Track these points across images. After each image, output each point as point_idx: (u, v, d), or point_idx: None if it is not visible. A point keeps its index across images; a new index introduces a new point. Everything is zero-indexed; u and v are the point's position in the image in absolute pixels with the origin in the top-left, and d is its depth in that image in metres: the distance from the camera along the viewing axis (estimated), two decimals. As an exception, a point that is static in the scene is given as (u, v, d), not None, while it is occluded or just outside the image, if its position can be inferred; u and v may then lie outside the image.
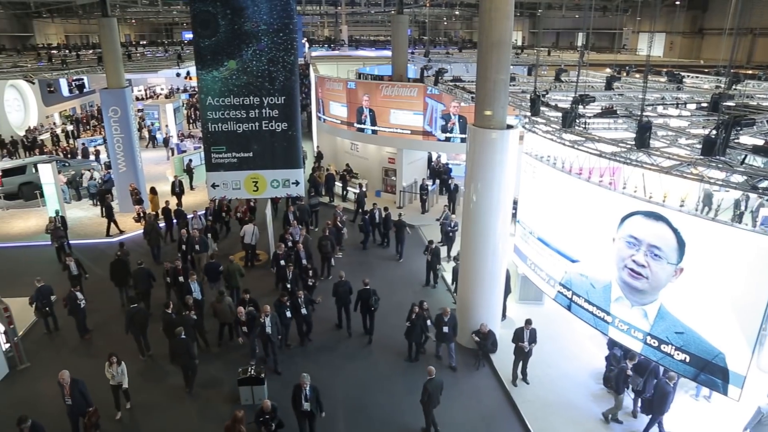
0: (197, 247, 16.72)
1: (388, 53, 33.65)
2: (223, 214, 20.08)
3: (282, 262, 15.36)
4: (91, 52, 36.86)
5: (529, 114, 12.35)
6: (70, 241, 19.03)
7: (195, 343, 13.04)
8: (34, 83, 33.27)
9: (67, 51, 38.37)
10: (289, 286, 14.61)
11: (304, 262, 15.72)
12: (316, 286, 15.31)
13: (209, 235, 17.92)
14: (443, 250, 17.83)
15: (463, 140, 20.59)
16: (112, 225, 20.64)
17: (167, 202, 21.02)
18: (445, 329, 12.62)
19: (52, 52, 36.17)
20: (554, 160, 12.32)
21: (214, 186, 16.17)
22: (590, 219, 11.42)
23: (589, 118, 11.50)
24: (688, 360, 9.80)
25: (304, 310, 13.53)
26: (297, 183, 16.33)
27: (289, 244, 16.76)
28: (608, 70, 23.43)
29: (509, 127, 12.17)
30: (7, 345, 12.97)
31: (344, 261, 18.11)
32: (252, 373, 11.59)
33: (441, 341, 12.96)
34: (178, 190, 22.81)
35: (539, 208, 13.44)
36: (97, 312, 14.97)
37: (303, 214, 19.67)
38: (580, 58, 20.37)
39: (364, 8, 48.30)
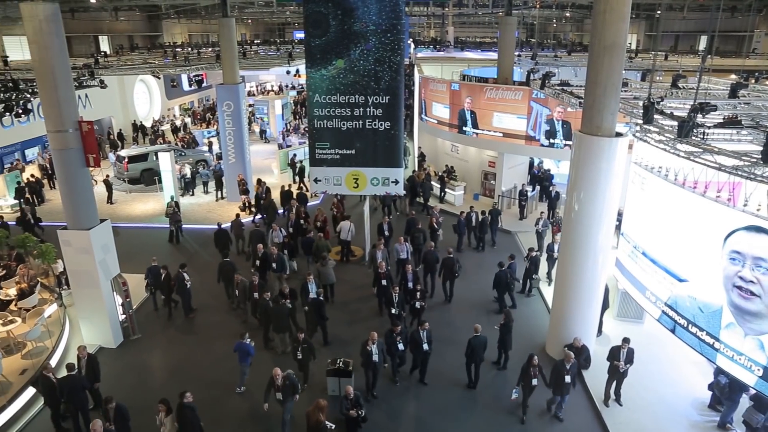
0: (274, 265, 15.86)
1: (493, 55, 33.18)
2: (301, 221, 18.90)
3: (384, 282, 14.68)
4: (210, 49, 39.23)
5: (640, 122, 11.73)
6: (183, 225, 20.52)
7: (288, 334, 13.59)
8: (159, 78, 36.04)
9: (189, 49, 41.12)
10: (395, 310, 13.76)
11: (411, 285, 14.44)
12: (425, 308, 14.34)
13: (286, 251, 16.96)
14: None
15: (567, 146, 19.94)
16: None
17: (289, 185, 22.69)
18: (567, 379, 10.94)
19: (177, 49, 38.86)
20: (666, 171, 11.63)
21: (316, 180, 16.68)
22: (702, 236, 10.67)
23: (709, 128, 10.73)
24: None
25: (426, 346, 12.10)
26: (396, 182, 16.49)
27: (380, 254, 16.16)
28: (734, 76, 21.75)
29: (618, 134, 11.61)
30: (123, 316, 14.17)
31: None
32: (341, 365, 11.91)
33: (558, 393, 11.19)
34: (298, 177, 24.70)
35: (646, 222, 12.74)
36: (203, 294, 15.97)
37: (410, 227, 18.27)
38: (701, 62, 19.02)
39: (472, 9, 47.78)
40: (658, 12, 46.11)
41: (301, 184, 24.74)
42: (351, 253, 18.75)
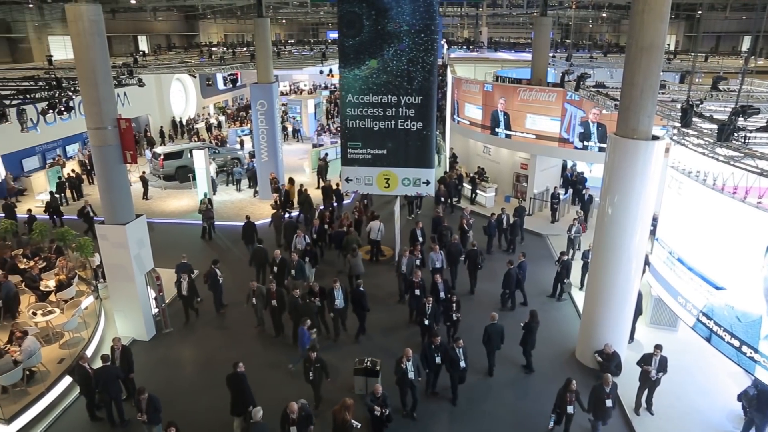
0: (293, 272, 15.50)
1: (527, 56, 32.84)
2: (326, 226, 19.01)
3: (417, 292, 14.25)
4: (245, 49, 39.81)
5: (678, 125, 11.46)
6: (215, 222, 20.86)
7: (317, 330, 13.70)
8: (195, 77, 36.68)
9: (225, 48, 41.78)
10: (427, 321, 13.25)
11: (443, 295, 14.11)
12: (460, 320, 13.81)
13: (307, 259, 16.54)
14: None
15: (601, 149, 19.61)
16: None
17: (329, 181, 22.78)
18: (609, 403, 10.33)
19: (212, 49, 39.56)
20: (704, 176, 11.34)
21: (347, 180, 16.74)
22: (741, 243, 10.38)
23: (751, 132, 10.43)
24: None
25: (463, 363, 11.57)
26: (428, 182, 16.43)
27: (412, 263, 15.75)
28: (778, 79, 21.05)
29: (655, 138, 11.37)
30: (156, 310, 14.48)
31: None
32: (368, 364, 11.95)
33: (600, 418, 10.56)
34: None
35: (682, 227, 12.45)
36: (235, 291, 16.19)
37: (436, 224, 18.59)
38: (744, 64, 18.49)
39: (506, 10, 47.36)
40: (699, 12, 44.98)
41: (321, 182, 25.05)
42: (381, 253, 18.80)
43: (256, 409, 9.82)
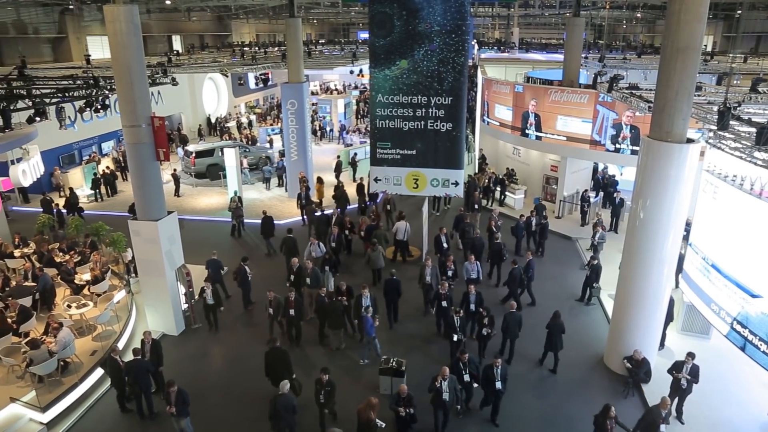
0: (308, 280, 14.99)
1: (559, 57, 32.47)
2: (346, 232, 18.72)
3: (444, 304, 13.62)
4: (276, 49, 40.18)
5: (714, 128, 11.20)
6: (245, 220, 21.12)
7: (343, 329, 13.79)
8: (227, 76, 37.18)
9: (256, 48, 42.24)
10: (456, 337, 12.75)
11: (473, 307, 13.54)
12: (491, 335, 13.12)
13: (327, 268, 16.08)
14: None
15: (633, 152, 19.26)
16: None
17: (361, 178, 23.05)
18: (663, 429, 9.87)
19: (245, 48, 39.99)
20: (741, 180, 11.06)
21: (376, 180, 16.76)
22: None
23: (790, 136, 10.15)
24: None
25: (499, 384, 10.86)
26: (456, 184, 16.38)
27: (449, 273, 15.40)
28: (820, 82, 20.37)
29: (689, 141, 11.13)
30: (185, 306, 14.72)
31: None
32: (393, 364, 11.95)
33: None
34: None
35: (717, 233, 12.15)
36: (263, 288, 16.34)
37: (458, 222, 18.64)
38: (785, 67, 17.99)
39: (538, 10, 46.86)
40: (739, 12, 43.82)
41: (339, 181, 25.16)
42: (408, 254, 18.79)
43: (283, 382, 10.24)
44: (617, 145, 20.00)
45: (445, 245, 17.23)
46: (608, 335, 13.43)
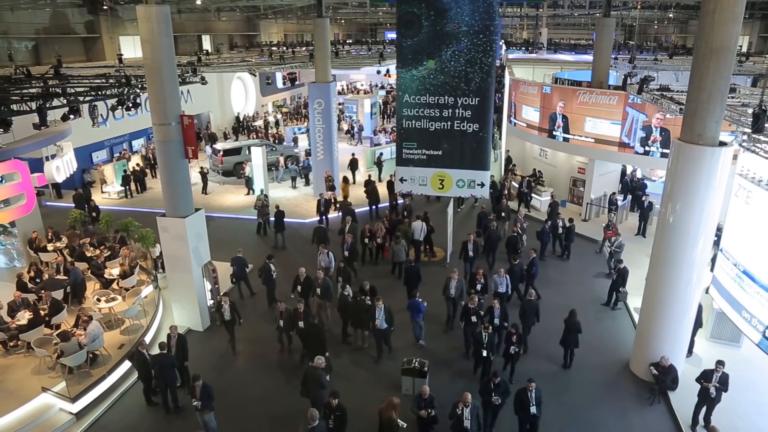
0: (318, 291, 14.37)
1: (588, 58, 32.06)
2: (366, 240, 18.26)
3: (474, 319, 13.12)
4: (304, 48, 40.46)
5: (749, 130, 10.94)
6: (271, 218, 21.31)
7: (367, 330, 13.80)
8: (255, 76, 37.54)
9: (284, 48, 42.61)
10: (485, 352, 12.16)
11: (497, 321, 12.90)
12: (520, 354, 12.56)
13: (340, 279, 15.16)
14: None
15: (663, 155, 18.92)
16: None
17: (391, 176, 23.10)
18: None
19: (273, 48, 40.40)
20: (776, 185, 10.79)
21: (402, 180, 16.73)
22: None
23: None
24: None
25: (534, 409, 10.25)
26: (482, 185, 16.26)
27: (478, 287, 14.46)
28: None
29: (722, 144, 10.88)
30: (211, 302, 14.91)
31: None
32: (416, 365, 11.94)
33: None
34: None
35: (750, 238, 11.87)
36: (287, 286, 16.47)
37: (481, 219, 18.75)
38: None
39: (567, 11, 46.34)
40: (776, 12, 42.70)
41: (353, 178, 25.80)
42: (432, 254, 18.72)
43: (318, 357, 11.00)
44: (647, 148, 19.67)
45: (471, 253, 16.74)
46: (635, 341, 13.22)
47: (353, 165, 26.94)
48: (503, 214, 20.58)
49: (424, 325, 13.92)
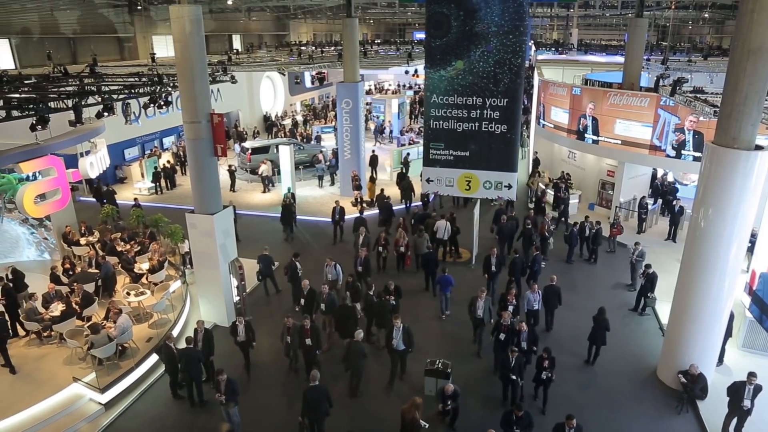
0: (323, 306, 13.75)
1: (619, 59, 31.58)
2: (380, 249, 17.36)
3: (502, 337, 12.21)
4: (333, 48, 40.65)
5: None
6: (297, 217, 21.46)
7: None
8: (284, 75, 37.83)
9: (313, 47, 42.88)
10: (514, 377, 11.36)
11: (524, 344, 11.96)
12: (552, 379, 11.38)
13: (349, 293, 14.53)
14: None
15: (695, 158, 18.52)
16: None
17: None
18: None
19: (302, 48, 40.70)
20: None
21: (428, 181, 16.71)
22: None
23: None
24: None
25: None
26: (510, 186, 16.13)
27: (510, 308, 13.23)
28: None
29: (758, 148, 10.61)
30: (237, 298, 15.07)
31: (546, 271, 17.35)
32: (440, 366, 11.91)
33: None
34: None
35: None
36: (313, 284, 16.55)
37: (498, 216, 18.51)
38: None
39: (598, 11, 45.64)
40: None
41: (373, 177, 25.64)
42: (458, 254, 18.67)
43: (357, 331, 12.02)
44: (682, 151, 19.25)
45: (494, 268, 15.61)
46: (663, 347, 12.96)
47: (373, 162, 26.88)
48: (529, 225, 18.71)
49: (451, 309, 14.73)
